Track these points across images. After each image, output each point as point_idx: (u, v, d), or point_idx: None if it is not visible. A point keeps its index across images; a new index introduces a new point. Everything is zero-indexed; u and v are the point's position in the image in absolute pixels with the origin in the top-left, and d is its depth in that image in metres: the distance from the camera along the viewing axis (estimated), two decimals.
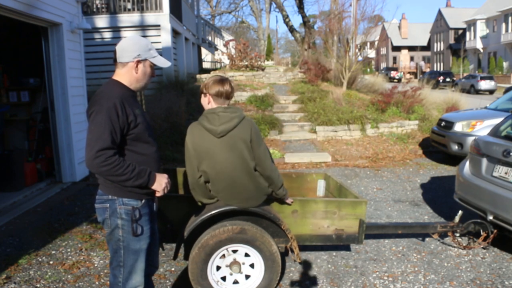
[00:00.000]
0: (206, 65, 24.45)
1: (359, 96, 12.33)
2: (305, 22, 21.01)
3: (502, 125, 4.50)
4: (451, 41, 49.64)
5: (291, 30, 22.50)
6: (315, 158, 8.24)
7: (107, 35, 11.82)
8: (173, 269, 3.76)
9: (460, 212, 4.15)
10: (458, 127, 7.78)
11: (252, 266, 3.10)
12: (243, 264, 3.08)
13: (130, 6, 12.01)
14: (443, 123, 8.26)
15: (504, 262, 3.91)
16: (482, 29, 42.74)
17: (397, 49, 59.52)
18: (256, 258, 3.06)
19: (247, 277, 3.12)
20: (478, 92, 27.20)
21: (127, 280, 2.33)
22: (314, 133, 10.01)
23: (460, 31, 48.50)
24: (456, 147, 7.66)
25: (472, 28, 44.18)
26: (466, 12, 48.84)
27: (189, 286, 3.09)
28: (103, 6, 11.85)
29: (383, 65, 59.01)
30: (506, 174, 3.94)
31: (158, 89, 11.02)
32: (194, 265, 2.97)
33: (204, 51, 19.14)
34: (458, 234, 4.18)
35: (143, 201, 2.32)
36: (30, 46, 6.83)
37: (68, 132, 6.42)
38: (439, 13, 52.44)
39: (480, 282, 3.54)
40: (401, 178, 7.13)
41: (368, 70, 37.90)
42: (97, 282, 3.50)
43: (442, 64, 51.96)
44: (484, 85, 27.41)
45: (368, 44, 16.49)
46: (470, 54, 44.71)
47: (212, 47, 19.50)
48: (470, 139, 6.63)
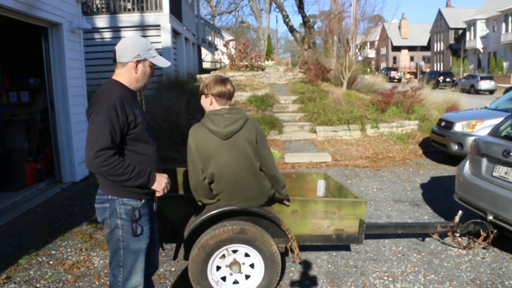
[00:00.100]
0: (206, 65, 24.44)
1: (359, 96, 12.33)
2: (305, 22, 21.01)
3: (502, 125, 4.50)
4: (451, 41, 49.65)
5: (291, 30, 22.50)
6: (315, 158, 8.24)
7: (107, 35, 11.82)
8: (173, 269, 3.76)
9: (460, 212, 4.15)
10: (458, 127, 7.78)
11: (252, 266, 3.10)
12: (243, 264, 3.08)
13: (130, 6, 12.02)
14: (443, 123, 8.26)
15: (504, 262, 3.91)
16: (482, 29, 42.75)
17: (397, 49, 59.52)
18: (256, 258, 3.06)
19: (247, 277, 3.12)
20: (478, 92, 27.20)
21: (127, 280, 2.34)
22: (314, 133, 10.01)
23: (460, 31, 48.51)
24: (456, 147, 7.66)
25: (472, 28, 44.19)
26: (466, 12, 48.85)
27: (189, 286, 3.09)
28: (103, 6, 11.85)
29: (383, 65, 59.01)
30: (506, 174, 3.94)
31: (158, 89, 11.02)
32: (194, 265, 2.97)
33: (204, 51, 19.14)
34: (458, 234, 4.18)
35: (143, 201, 2.32)
36: (30, 46, 6.83)
37: (68, 132, 6.42)
38: (439, 13, 52.45)
39: (480, 282, 3.54)
40: (401, 178, 7.13)
41: (368, 70, 37.90)
42: (97, 282, 3.50)
43: (442, 64, 51.96)
44: (484, 85, 27.41)
45: (368, 44, 16.49)
46: (470, 54, 44.72)
47: (212, 47, 19.50)
48: (470, 139, 6.63)
